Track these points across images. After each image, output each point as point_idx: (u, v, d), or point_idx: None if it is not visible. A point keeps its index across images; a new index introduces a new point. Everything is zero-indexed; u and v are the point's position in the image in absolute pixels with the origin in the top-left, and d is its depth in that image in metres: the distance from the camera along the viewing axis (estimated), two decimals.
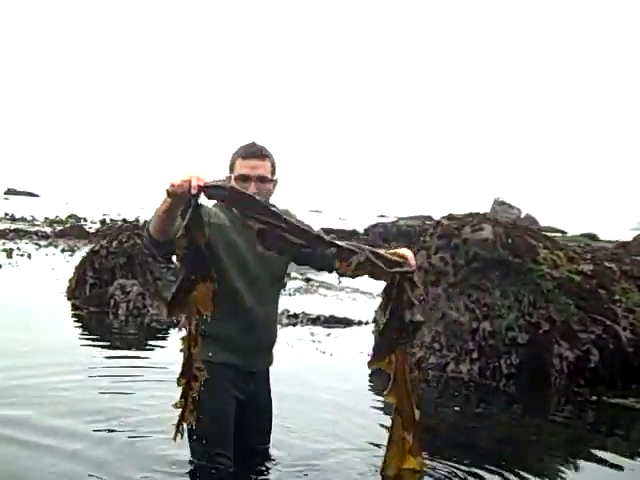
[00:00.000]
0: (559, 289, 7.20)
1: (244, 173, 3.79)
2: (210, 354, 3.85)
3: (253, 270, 3.85)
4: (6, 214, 31.32)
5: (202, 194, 3.26)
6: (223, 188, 3.31)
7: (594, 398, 6.43)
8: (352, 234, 27.64)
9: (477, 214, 7.94)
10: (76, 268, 10.73)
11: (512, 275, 7.31)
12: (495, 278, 7.33)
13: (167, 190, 3.29)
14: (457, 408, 6.07)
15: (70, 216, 33.05)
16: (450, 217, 8.04)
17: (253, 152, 3.82)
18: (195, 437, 3.90)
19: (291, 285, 13.16)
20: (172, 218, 3.41)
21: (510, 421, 5.95)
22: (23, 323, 7.98)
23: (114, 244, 10.56)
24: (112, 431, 4.63)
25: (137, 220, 14.42)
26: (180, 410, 3.55)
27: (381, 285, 3.62)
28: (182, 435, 3.62)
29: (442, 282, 7.52)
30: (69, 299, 10.14)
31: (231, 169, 3.86)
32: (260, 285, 3.88)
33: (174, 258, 3.57)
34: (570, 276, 7.35)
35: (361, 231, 29.09)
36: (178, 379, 3.52)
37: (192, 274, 3.30)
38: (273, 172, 3.89)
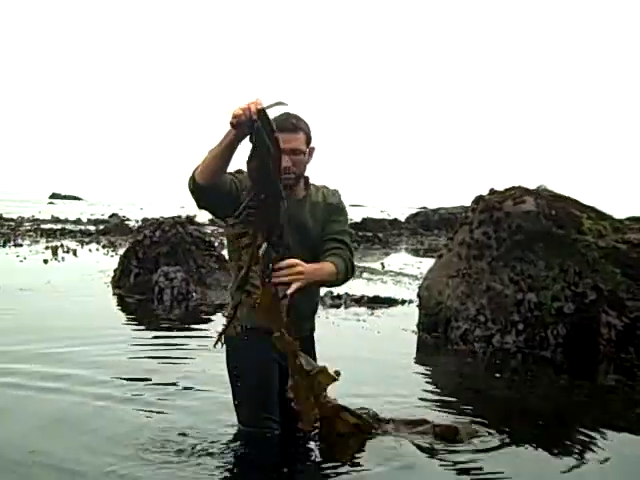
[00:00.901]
0: (605, 258, 7.12)
1: None
2: (246, 319, 3.88)
3: (288, 238, 3.82)
4: (52, 216, 31.79)
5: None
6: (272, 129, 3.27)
7: None
8: (393, 222, 27.58)
9: (519, 187, 7.85)
10: (121, 258, 10.85)
11: (556, 246, 7.24)
12: (539, 250, 7.26)
13: (230, 122, 3.27)
14: (505, 378, 6.00)
15: (112, 215, 33.45)
16: (492, 192, 7.97)
17: (285, 126, 3.77)
18: (239, 401, 3.93)
19: None
20: (231, 152, 3.38)
21: (559, 389, 5.86)
22: (71, 314, 8.04)
23: (157, 233, 10.65)
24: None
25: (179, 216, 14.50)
26: (227, 320, 3.65)
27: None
28: (222, 345, 3.70)
29: (486, 256, 7.46)
30: (114, 288, 10.24)
31: None
32: (296, 255, 3.85)
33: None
34: (616, 245, 7.26)
35: (402, 220, 28.99)
36: (233, 291, 3.60)
37: (261, 193, 3.31)
38: (308, 142, 3.83)
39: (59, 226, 24.89)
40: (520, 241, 7.34)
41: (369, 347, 6.81)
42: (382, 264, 14.95)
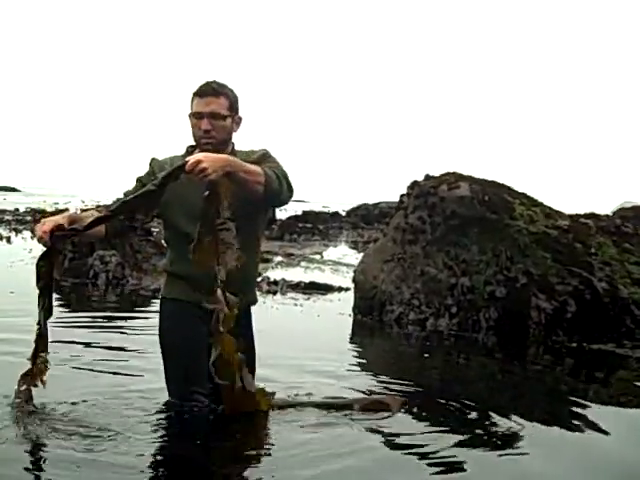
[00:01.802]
0: (536, 244, 7.25)
1: (197, 110, 3.75)
2: (174, 291, 3.88)
3: None
4: None
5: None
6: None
7: (573, 345, 6.49)
8: (334, 215, 27.68)
9: (453, 173, 7.94)
10: None
11: (489, 231, 7.35)
12: (473, 235, 7.36)
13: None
14: (437, 360, 6.08)
15: (55, 209, 32.86)
16: (427, 177, 8.05)
17: (207, 90, 3.76)
18: (168, 375, 3.92)
19: (273, 260, 13.15)
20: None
21: (491, 370, 5.94)
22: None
23: None
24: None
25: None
26: None
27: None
28: None
29: (420, 240, 7.55)
30: None
31: (190, 107, 3.83)
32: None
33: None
34: (547, 231, 7.40)
35: (343, 214, 29.10)
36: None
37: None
38: (231, 109, 3.79)
39: None
40: (454, 226, 7.43)
41: (305, 330, 6.83)
42: (320, 254, 15.00)
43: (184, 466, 3.26)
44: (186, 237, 3.69)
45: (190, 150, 3.86)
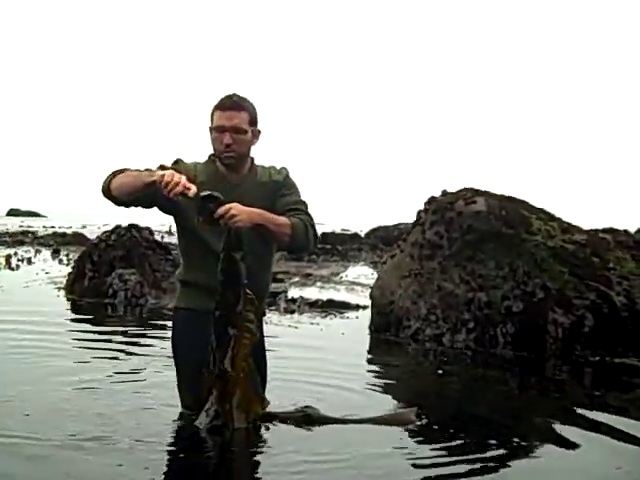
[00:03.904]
0: (553, 258, 7.22)
1: (219, 124, 3.81)
2: (190, 301, 3.91)
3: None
4: (8, 230, 31.38)
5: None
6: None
7: (592, 359, 6.48)
8: (353, 236, 27.67)
9: (470, 188, 7.95)
10: (75, 262, 10.77)
11: (506, 246, 7.33)
12: (489, 250, 7.35)
13: (161, 183, 3.47)
14: (454, 376, 6.04)
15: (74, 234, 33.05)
16: (444, 193, 8.06)
17: (229, 104, 3.82)
18: (179, 385, 3.96)
19: (289, 280, 13.16)
20: (147, 189, 3.60)
21: (508, 385, 5.91)
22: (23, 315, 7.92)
23: (112, 237, 10.60)
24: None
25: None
26: None
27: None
28: None
29: (437, 256, 7.54)
30: (67, 293, 10.14)
31: (211, 120, 3.88)
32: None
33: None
34: (564, 245, 7.38)
35: (362, 235, 29.07)
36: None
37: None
38: (252, 123, 3.85)
39: (16, 238, 24.60)
40: (471, 241, 7.43)
41: (323, 346, 6.81)
42: (338, 274, 15.00)
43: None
44: (211, 252, 3.73)
45: (213, 159, 3.91)
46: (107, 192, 3.69)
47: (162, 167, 3.78)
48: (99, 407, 4.22)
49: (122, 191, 3.64)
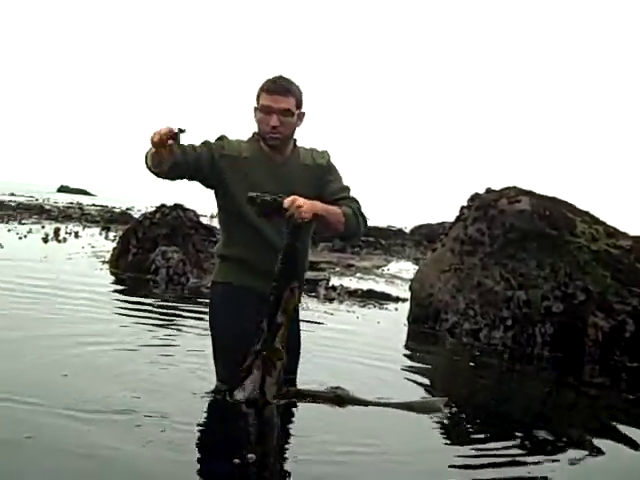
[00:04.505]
0: (596, 262, 7.17)
1: (267, 105, 3.86)
2: (229, 276, 3.96)
3: None
4: (55, 204, 31.92)
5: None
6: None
7: (633, 365, 6.43)
8: (397, 232, 27.65)
9: (514, 187, 7.91)
10: (120, 238, 10.93)
11: (549, 247, 7.29)
12: (531, 249, 7.31)
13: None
14: (488, 372, 6.02)
15: (121, 213, 33.50)
16: (488, 190, 8.03)
17: (276, 88, 3.87)
18: (215, 358, 4.01)
19: (331, 269, 13.20)
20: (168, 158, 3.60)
21: (543, 385, 5.83)
22: (65, 289, 8.06)
23: (157, 215, 10.72)
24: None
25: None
26: None
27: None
28: None
29: (478, 252, 7.52)
30: (111, 267, 10.30)
31: (257, 101, 3.93)
32: None
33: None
34: (608, 250, 7.31)
35: (407, 231, 29.03)
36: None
37: None
38: (298, 106, 3.92)
39: (65, 213, 25.01)
40: (513, 239, 7.39)
41: (360, 336, 6.83)
42: (380, 267, 15.03)
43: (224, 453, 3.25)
44: (251, 227, 3.81)
45: (257, 138, 3.97)
46: (147, 164, 3.72)
47: (204, 143, 3.87)
48: (136, 371, 4.31)
49: (154, 161, 3.66)
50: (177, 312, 7.10)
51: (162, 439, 3.19)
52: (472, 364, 6.10)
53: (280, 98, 3.85)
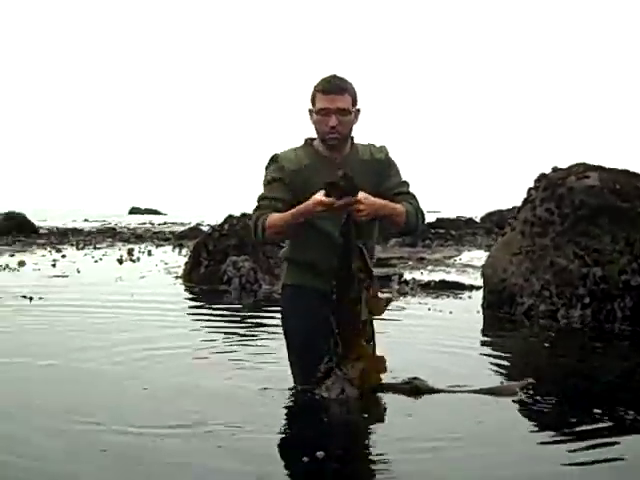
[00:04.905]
0: None
1: (324, 106, 3.86)
2: (298, 278, 3.98)
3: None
4: (128, 227, 32.50)
5: None
6: None
7: None
8: (468, 221, 27.38)
9: (582, 163, 7.77)
10: (191, 252, 11.08)
11: (622, 220, 7.15)
12: (604, 224, 7.17)
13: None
14: (571, 353, 5.92)
15: (191, 229, 33.96)
16: (554, 169, 7.91)
17: (331, 88, 3.87)
18: (291, 362, 4.03)
19: (402, 264, 13.15)
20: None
21: (627, 361, 5.71)
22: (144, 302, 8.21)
23: (226, 227, 10.84)
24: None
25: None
26: None
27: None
28: None
29: (549, 232, 7.40)
30: (185, 282, 10.44)
31: (312, 102, 3.93)
32: None
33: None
34: None
35: (477, 220, 28.72)
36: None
37: None
38: (354, 103, 3.92)
39: (137, 233, 25.45)
40: (584, 216, 7.26)
41: (436, 325, 6.80)
42: (452, 257, 14.91)
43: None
44: (317, 230, 3.83)
45: (309, 142, 3.98)
46: (262, 238, 3.85)
47: (276, 180, 3.91)
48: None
49: (279, 235, 3.90)
50: (253, 319, 7.16)
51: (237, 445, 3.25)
52: (551, 345, 6.02)
53: (337, 97, 3.85)
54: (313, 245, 3.89)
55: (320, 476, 2.99)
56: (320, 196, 3.57)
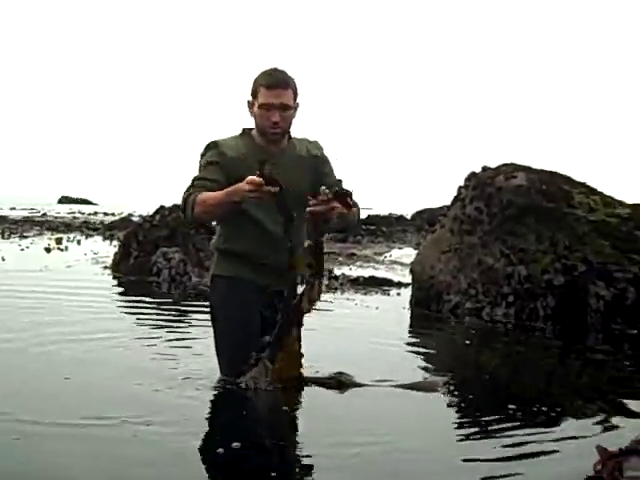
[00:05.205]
0: (595, 232, 7.16)
1: (268, 102, 3.84)
2: (229, 269, 3.97)
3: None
4: (58, 215, 31.96)
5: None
6: None
7: (633, 332, 6.42)
8: (399, 218, 27.63)
9: (511, 164, 7.91)
10: (120, 242, 10.96)
11: (547, 220, 7.29)
12: (530, 223, 7.31)
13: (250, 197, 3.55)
14: (494, 350, 6.03)
15: (122, 219, 33.48)
16: (484, 168, 8.03)
17: (276, 82, 3.85)
18: (218, 350, 4.01)
19: (332, 260, 13.20)
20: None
21: (547, 359, 5.82)
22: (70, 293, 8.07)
23: (157, 218, 10.75)
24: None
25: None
26: None
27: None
28: None
29: (477, 231, 7.52)
30: (113, 272, 10.32)
31: (254, 95, 3.91)
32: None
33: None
34: (606, 219, 7.31)
35: (408, 217, 29.00)
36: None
37: None
38: (295, 98, 3.92)
39: (66, 222, 25.04)
40: (511, 215, 7.39)
41: (362, 321, 6.84)
42: (382, 254, 15.02)
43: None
44: (249, 219, 3.83)
45: (247, 132, 3.96)
46: (191, 219, 3.78)
47: (212, 163, 3.87)
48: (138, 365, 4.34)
49: (207, 216, 3.87)
50: (180, 310, 7.13)
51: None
52: (474, 343, 6.12)
53: (281, 93, 3.83)
54: (243, 235, 3.89)
55: (235, 467, 2.94)
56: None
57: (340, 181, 4.01)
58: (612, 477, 1.80)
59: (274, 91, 3.83)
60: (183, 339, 5.52)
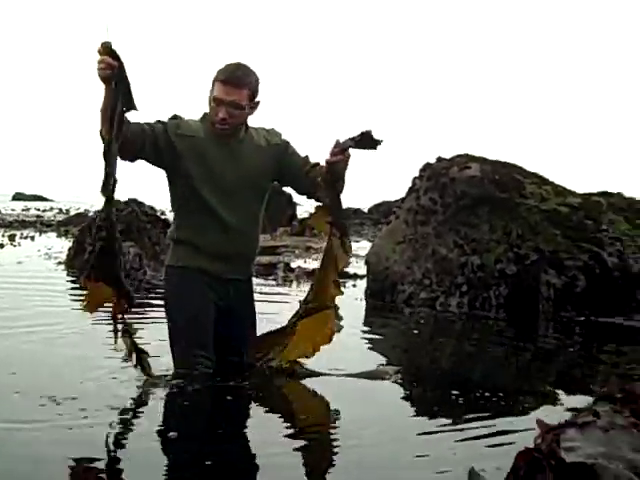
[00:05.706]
0: (547, 221, 7.26)
1: (218, 97, 3.82)
2: (183, 259, 3.96)
3: (229, 181, 3.89)
4: (12, 210, 31.51)
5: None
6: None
7: (582, 319, 6.52)
8: (356, 212, 27.66)
9: (465, 154, 7.98)
10: (75, 237, 10.83)
11: (500, 210, 7.37)
12: (483, 214, 7.39)
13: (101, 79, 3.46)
14: (448, 339, 6.08)
15: (78, 215, 33.12)
16: (439, 159, 8.09)
17: (231, 79, 3.81)
18: (172, 340, 3.99)
19: (288, 253, 13.22)
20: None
21: (499, 347, 5.87)
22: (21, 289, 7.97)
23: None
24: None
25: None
26: None
27: None
28: None
29: (431, 221, 7.58)
30: (67, 268, 10.20)
31: (212, 86, 3.90)
32: (237, 196, 3.92)
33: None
34: (557, 209, 7.41)
35: (365, 211, 29.05)
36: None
37: None
38: (252, 98, 3.87)
39: (21, 219, 24.69)
40: (465, 206, 7.46)
41: None
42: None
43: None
44: (208, 210, 3.82)
45: (208, 118, 3.94)
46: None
47: (159, 121, 3.85)
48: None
49: (106, 129, 3.56)
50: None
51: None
52: (429, 332, 6.18)
53: (232, 90, 3.79)
54: (197, 224, 3.90)
55: (170, 456, 2.91)
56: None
57: (307, 157, 4.02)
58: (550, 448, 1.86)
59: (227, 88, 3.81)
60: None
